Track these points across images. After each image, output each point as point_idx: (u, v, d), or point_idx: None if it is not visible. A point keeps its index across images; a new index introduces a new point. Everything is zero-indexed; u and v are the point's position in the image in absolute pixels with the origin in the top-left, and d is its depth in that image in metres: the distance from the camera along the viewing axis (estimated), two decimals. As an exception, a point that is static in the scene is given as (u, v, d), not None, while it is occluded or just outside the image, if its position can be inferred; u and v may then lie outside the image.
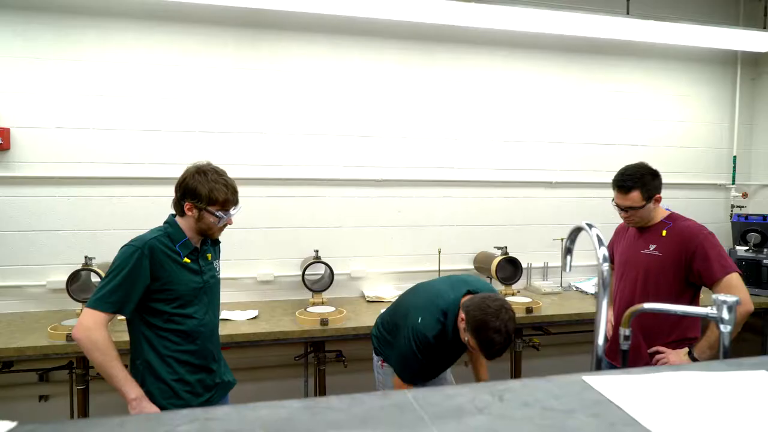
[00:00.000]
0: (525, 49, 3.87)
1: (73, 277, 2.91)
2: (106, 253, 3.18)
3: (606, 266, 0.89)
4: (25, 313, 3.12)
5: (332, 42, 3.51)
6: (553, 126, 3.98)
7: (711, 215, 4.33)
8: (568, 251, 1.07)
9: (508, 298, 3.41)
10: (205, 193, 1.84)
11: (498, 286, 3.62)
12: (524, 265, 3.69)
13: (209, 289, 1.98)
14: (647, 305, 1.08)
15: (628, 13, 3.50)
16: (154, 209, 3.25)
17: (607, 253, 0.90)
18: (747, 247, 3.97)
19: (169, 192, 3.25)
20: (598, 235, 0.92)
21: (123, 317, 1.87)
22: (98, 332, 1.72)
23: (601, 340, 0.90)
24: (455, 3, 2.96)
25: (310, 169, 3.51)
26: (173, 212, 1.95)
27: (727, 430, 0.61)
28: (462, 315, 1.95)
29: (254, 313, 3.08)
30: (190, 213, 1.88)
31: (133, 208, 3.25)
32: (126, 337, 1.92)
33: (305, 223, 3.52)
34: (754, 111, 4.46)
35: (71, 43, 3.14)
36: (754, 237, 3.97)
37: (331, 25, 3.46)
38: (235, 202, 1.92)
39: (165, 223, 1.95)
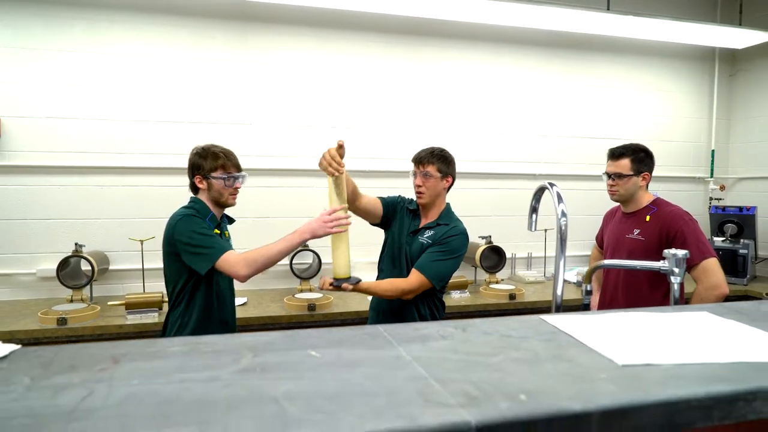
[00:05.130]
0: (508, 44, 3.96)
1: (64, 264, 2.95)
2: (96, 242, 3.22)
3: (564, 221, 0.97)
4: (16, 300, 3.13)
5: (320, 35, 3.57)
6: (537, 119, 4.07)
7: (690, 207, 4.40)
8: (533, 210, 1.14)
9: (492, 286, 3.49)
10: (205, 163, 2.04)
11: (482, 275, 3.71)
12: (508, 255, 3.77)
13: None
14: (606, 261, 1.16)
15: (608, 9, 3.60)
16: (143, 198, 3.30)
17: (565, 209, 0.98)
18: (724, 238, 4.09)
19: (159, 181, 3.36)
20: (558, 193, 1.00)
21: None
22: (243, 257, 1.90)
23: (560, 290, 0.98)
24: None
25: (299, 159, 3.57)
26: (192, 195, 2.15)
27: (660, 347, 0.68)
28: None
29: (243, 300, 3.13)
30: (201, 185, 2.06)
31: (123, 197, 3.29)
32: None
33: (294, 213, 3.57)
34: (731, 106, 4.59)
35: (61, 34, 3.17)
36: (730, 228, 4.09)
37: (319, 18, 3.52)
38: (236, 166, 2.10)
39: (190, 202, 2.10)
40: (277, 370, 0.59)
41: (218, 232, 2.07)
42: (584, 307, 1.21)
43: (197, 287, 2.02)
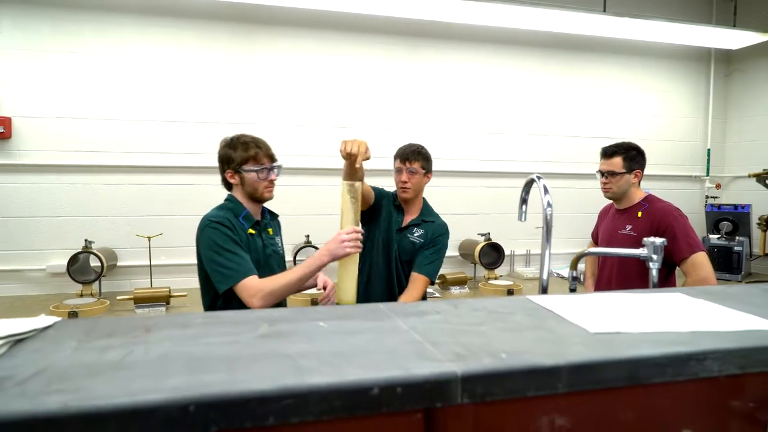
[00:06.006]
0: (507, 45, 4.04)
1: (73, 260, 3.03)
2: (104, 239, 3.31)
3: (549, 211, 1.05)
4: (26, 296, 3.23)
5: (322, 37, 3.66)
6: (535, 119, 4.16)
7: (686, 205, 4.50)
8: (523, 201, 1.23)
9: (491, 282, 3.57)
10: (235, 154, 1.88)
11: (481, 271, 3.79)
12: (507, 252, 3.85)
13: (273, 262, 1.95)
14: (592, 249, 1.24)
15: (604, 11, 3.67)
16: (150, 196, 3.39)
17: (551, 200, 1.06)
18: (719, 235, 4.16)
19: (165, 180, 3.45)
20: (544, 185, 1.08)
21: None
22: (260, 288, 1.72)
23: (545, 275, 1.06)
24: (439, 0, 3.12)
25: (301, 158, 3.65)
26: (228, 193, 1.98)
27: (630, 319, 0.77)
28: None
29: (248, 295, 3.21)
30: (233, 180, 1.90)
31: (131, 195, 3.38)
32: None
33: (296, 211, 3.65)
34: (727, 106, 4.67)
35: (70, 36, 3.26)
36: (725, 225, 4.17)
37: (321, 20, 3.61)
38: (269, 156, 1.92)
39: (225, 200, 1.95)
40: (291, 336, 0.67)
41: (253, 232, 1.90)
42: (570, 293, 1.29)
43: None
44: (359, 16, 3.58)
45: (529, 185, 1.20)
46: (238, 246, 1.77)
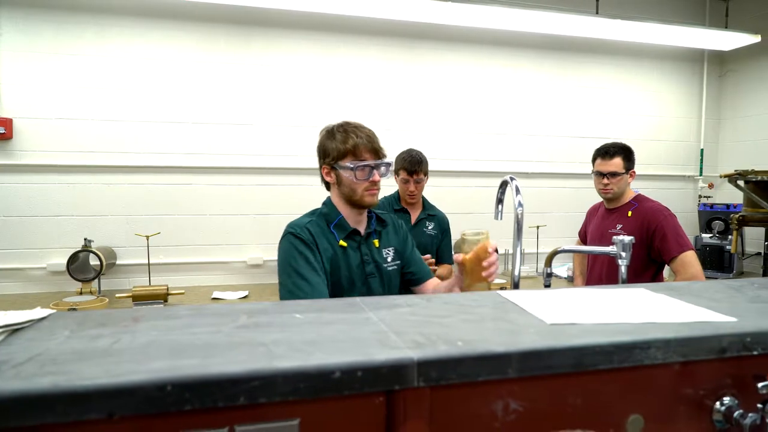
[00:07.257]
0: (502, 47, 4.09)
1: (73, 259, 3.09)
2: (103, 237, 3.37)
3: (521, 210, 1.11)
4: (27, 294, 3.29)
5: (318, 39, 3.71)
6: (530, 120, 4.21)
7: (679, 204, 4.56)
8: (499, 201, 1.28)
9: (485, 281, 3.62)
10: (334, 145, 1.57)
11: (476, 270, 3.84)
12: (501, 251, 3.91)
13: (373, 282, 1.64)
14: (567, 246, 1.29)
15: (597, 13, 3.72)
16: (148, 196, 3.45)
17: (522, 200, 1.12)
18: (711, 235, 4.21)
19: (163, 179, 3.51)
20: (516, 186, 1.13)
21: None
22: None
23: (517, 270, 1.11)
24: (434, 2, 3.17)
25: (298, 158, 3.71)
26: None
27: (588, 312, 0.82)
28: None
29: (244, 293, 3.27)
30: (329, 179, 1.63)
31: (130, 195, 3.44)
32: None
33: (294, 210, 3.66)
34: (720, 106, 4.71)
35: (71, 39, 3.32)
36: (718, 225, 4.21)
37: (318, 22, 3.66)
38: (373, 151, 1.56)
39: (322, 203, 1.71)
40: (268, 327, 0.73)
41: (345, 244, 1.60)
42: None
43: None
44: (355, 19, 3.63)
45: (503, 186, 1.26)
46: (310, 268, 1.51)
